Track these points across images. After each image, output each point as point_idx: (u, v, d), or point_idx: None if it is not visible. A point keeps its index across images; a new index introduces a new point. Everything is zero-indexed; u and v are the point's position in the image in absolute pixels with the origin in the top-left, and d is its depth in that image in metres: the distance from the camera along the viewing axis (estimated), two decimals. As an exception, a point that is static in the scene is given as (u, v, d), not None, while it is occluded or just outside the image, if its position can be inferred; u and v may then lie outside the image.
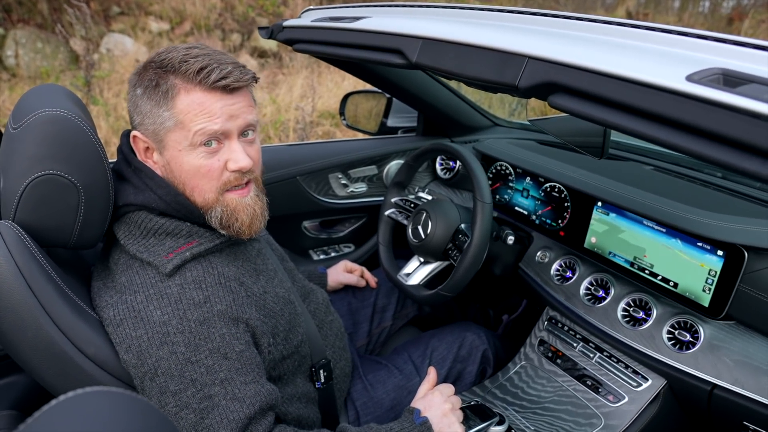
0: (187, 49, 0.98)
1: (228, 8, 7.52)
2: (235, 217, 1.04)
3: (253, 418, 0.97)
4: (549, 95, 0.81)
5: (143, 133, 1.02)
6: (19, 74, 5.98)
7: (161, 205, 1.02)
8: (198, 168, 1.00)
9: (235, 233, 1.05)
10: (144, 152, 1.04)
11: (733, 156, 0.59)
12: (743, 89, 0.59)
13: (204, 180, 1.01)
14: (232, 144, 1.01)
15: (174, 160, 1.00)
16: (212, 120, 0.97)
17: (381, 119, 2.15)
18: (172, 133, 0.98)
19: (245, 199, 1.05)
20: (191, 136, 0.97)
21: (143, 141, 1.03)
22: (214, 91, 0.97)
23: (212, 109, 0.96)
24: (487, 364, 1.54)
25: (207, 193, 1.02)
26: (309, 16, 1.44)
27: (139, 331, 0.94)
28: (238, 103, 1.00)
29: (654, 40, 0.75)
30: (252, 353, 1.01)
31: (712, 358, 1.17)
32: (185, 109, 0.96)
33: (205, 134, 0.97)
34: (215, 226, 1.04)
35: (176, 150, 0.99)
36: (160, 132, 0.99)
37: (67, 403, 0.42)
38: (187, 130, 0.97)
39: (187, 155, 0.99)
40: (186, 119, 0.96)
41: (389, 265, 1.64)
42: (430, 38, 1.01)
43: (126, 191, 1.04)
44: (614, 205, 1.37)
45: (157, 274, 0.98)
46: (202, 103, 0.96)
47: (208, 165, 1.00)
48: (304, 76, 6.45)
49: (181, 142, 0.98)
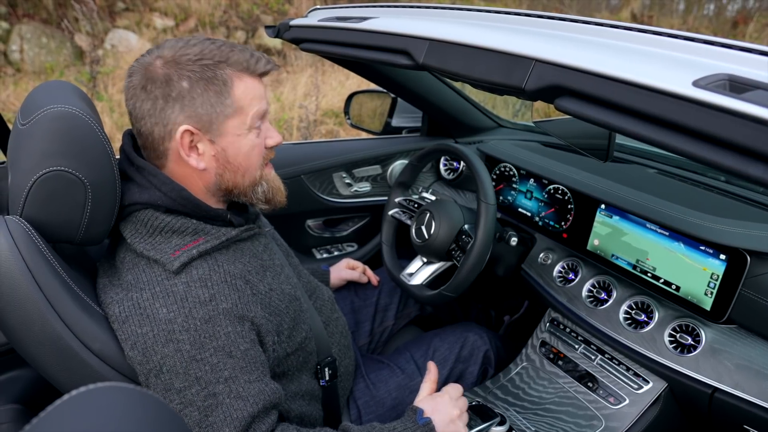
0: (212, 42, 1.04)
1: (233, 5, 7.52)
2: (276, 189, 1.16)
3: (256, 416, 0.97)
4: (555, 98, 0.81)
5: (195, 126, 1.01)
6: (24, 69, 5.99)
7: (166, 201, 1.02)
8: (252, 148, 1.08)
9: (277, 204, 1.17)
10: (189, 147, 1.03)
11: (738, 162, 0.59)
12: (749, 95, 0.59)
13: (256, 158, 1.09)
14: (266, 123, 1.11)
15: (232, 146, 1.05)
16: (261, 101, 1.07)
17: (385, 119, 2.15)
18: (231, 120, 1.03)
19: (273, 172, 1.16)
20: (249, 120, 1.04)
21: (193, 134, 1.02)
22: (256, 78, 1.06)
23: (260, 93, 1.06)
24: (488, 364, 1.54)
25: (255, 171, 1.10)
26: (316, 16, 1.44)
27: (144, 328, 0.95)
28: (264, 87, 1.11)
29: (661, 45, 0.75)
30: (257, 351, 1.01)
31: (713, 361, 1.17)
32: (242, 95, 1.03)
33: (258, 115, 1.06)
34: (259, 201, 1.13)
35: (235, 135, 1.04)
36: (218, 120, 1.02)
37: (77, 398, 0.43)
38: (245, 115, 1.04)
39: (245, 138, 1.06)
40: (244, 104, 1.03)
41: (392, 265, 1.65)
42: (437, 39, 1.01)
43: (130, 190, 1.04)
44: (617, 208, 1.38)
45: (164, 272, 0.99)
46: (254, 88, 1.05)
47: (258, 144, 1.08)
48: (308, 75, 6.45)
49: (239, 127, 1.04)
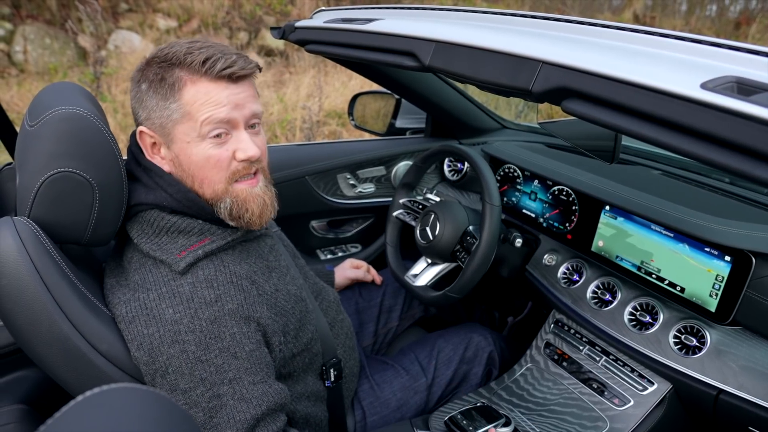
0: (190, 43, 1.00)
1: (235, 6, 7.53)
2: (245, 208, 1.04)
3: (261, 419, 0.97)
4: (562, 100, 0.81)
5: (150, 128, 1.02)
6: (28, 70, 6.00)
7: (172, 203, 1.03)
8: (207, 158, 1.00)
9: (246, 224, 1.05)
10: (151, 148, 1.04)
11: (745, 163, 0.60)
12: (757, 98, 0.59)
13: (213, 171, 1.01)
14: (240, 134, 1.02)
15: (183, 153, 1.01)
16: (218, 108, 0.98)
17: (389, 120, 2.15)
18: (179, 125, 0.99)
19: (255, 189, 1.06)
20: (199, 126, 0.98)
21: (150, 136, 1.03)
22: (220, 81, 0.98)
23: (218, 98, 0.98)
24: (492, 365, 1.54)
25: (216, 185, 1.02)
26: (321, 17, 1.44)
27: (151, 328, 0.95)
28: (243, 93, 1.01)
29: (668, 47, 0.76)
30: (262, 352, 1.01)
31: (718, 363, 1.17)
32: (191, 99, 0.97)
33: (212, 122, 0.98)
34: (224, 217, 1.04)
35: (185, 142, 1.00)
36: (168, 125, 1.00)
37: (92, 399, 0.43)
38: (195, 121, 0.98)
39: (195, 146, 1.00)
40: (193, 110, 0.97)
41: (396, 266, 1.65)
42: (443, 41, 1.01)
43: (137, 190, 1.04)
44: (622, 209, 1.38)
45: (170, 272, 0.99)
46: (209, 92, 0.97)
47: (216, 155, 1.00)
48: (311, 76, 6.46)
49: (189, 134, 0.99)
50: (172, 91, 0.97)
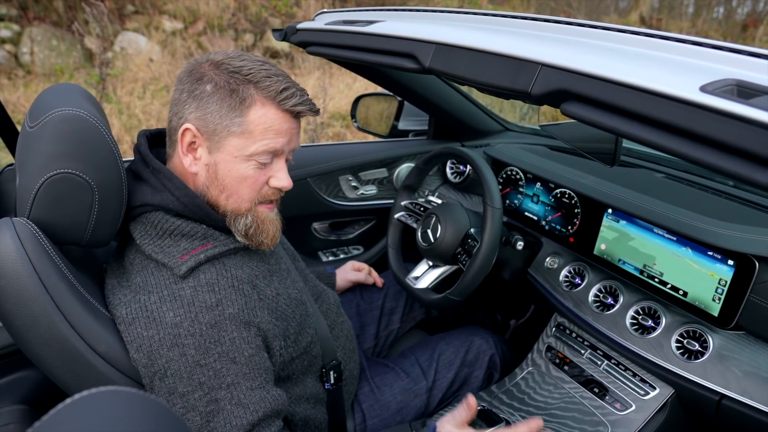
0: (262, 63, 1.02)
1: (241, 8, 7.56)
2: (261, 230, 1.07)
3: (257, 424, 0.97)
4: (561, 103, 0.81)
5: (198, 128, 1.02)
6: (34, 71, 6.04)
7: (178, 206, 1.02)
8: (245, 177, 1.03)
9: (257, 244, 1.08)
10: (188, 146, 1.04)
11: (744, 167, 0.59)
12: (757, 101, 0.59)
13: (247, 189, 1.04)
14: (280, 163, 1.06)
15: (224, 163, 1.02)
16: (277, 139, 1.02)
17: (392, 122, 2.15)
18: (234, 139, 1.00)
19: (271, 213, 1.10)
20: (253, 148, 1.00)
21: (195, 135, 1.02)
22: (287, 114, 1.02)
23: (280, 129, 1.02)
24: (494, 368, 1.54)
25: (244, 202, 1.05)
26: (323, 19, 1.44)
27: (150, 331, 0.95)
28: (297, 128, 1.06)
29: (668, 50, 0.75)
30: (261, 358, 1.01)
31: (720, 368, 1.16)
32: (257, 121, 1.00)
33: (267, 150, 1.01)
34: (238, 233, 1.06)
35: (231, 155, 1.01)
36: (222, 133, 1.00)
37: (80, 402, 0.43)
38: (251, 141, 1.00)
39: (239, 163, 1.02)
40: (255, 131, 1.00)
41: (398, 268, 1.65)
42: (443, 43, 1.01)
43: (143, 191, 1.04)
44: (625, 213, 1.37)
45: (171, 276, 0.99)
46: (275, 120, 1.01)
47: (254, 177, 1.04)
48: (315, 77, 6.47)
49: (240, 150, 1.01)
50: (242, 106, 0.99)
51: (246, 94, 0.99)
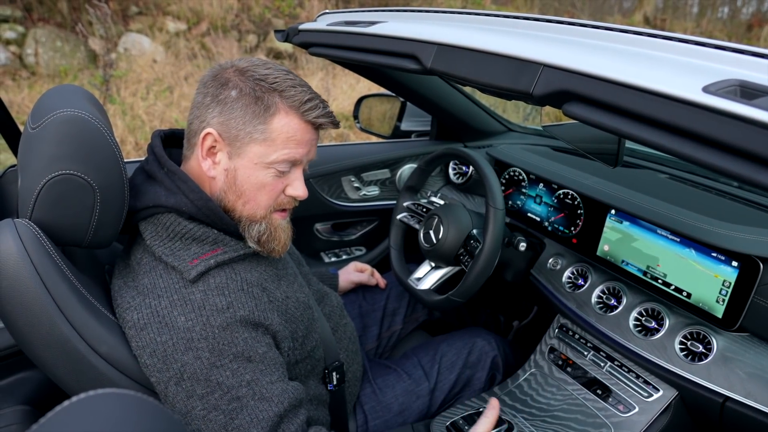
0: (286, 73, 1.03)
1: (244, 9, 7.57)
2: (274, 236, 1.08)
3: (284, 416, 0.98)
4: (563, 104, 0.80)
5: (220, 133, 1.02)
6: (39, 72, 6.06)
7: (192, 209, 1.02)
8: (264, 185, 1.04)
9: (269, 251, 1.09)
10: (207, 150, 1.04)
11: (747, 169, 0.58)
12: (760, 101, 0.58)
13: (264, 197, 1.05)
14: (297, 172, 1.07)
15: (244, 170, 1.03)
16: (297, 149, 1.03)
17: (394, 123, 2.15)
18: (256, 146, 1.01)
19: (284, 221, 1.11)
20: (274, 156, 1.01)
21: (216, 140, 1.03)
22: (309, 125, 1.03)
23: (302, 139, 1.03)
24: (496, 370, 1.53)
25: (259, 209, 1.06)
26: (325, 20, 1.44)
27: (163, 336, 0.95)
28: (316, 140, 1.07)
29: (671, 50, 0.75)
30: (274, 354, 1.02)
31: (724, 370, 1.16)
32: (279, 129, 1.00)
33: (288, 159, 1.02)
34: (250, 239, 1.06)
35: (252, 162, 1.02)
36: (244, 139, 1.01)
37: (78, 404, 0.43)
38: (273, 150, 1.01)
39: (259, 170, 1.03)
40: (277, 139, 1.01)
41: (400, 269, 1.64)
42: (445, 44, 1.01)
43: (157, 192, 1.04)
44: (628, 214, 1.36)
45: (181, 280, 0.99)
46: (297, 131, 1.02)
47: (272, 184, 1.04)
48: (319, 78, 6.48)
49: (260, 157, 1.01)
50: (266, 114, 1.00)
51: (271, 102, 1.00)
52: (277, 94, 1.00)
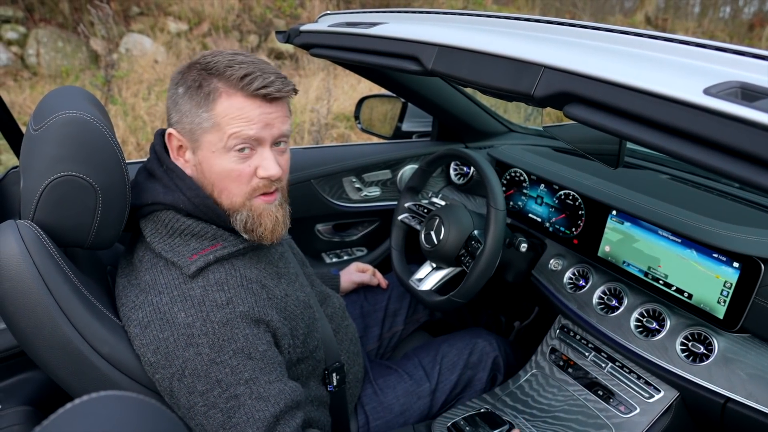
0: (232, 55, 1.01)
1: (246, 9, 7.57)
2: (259, 222, 1.05)
3: (280, 416, 0.98)
4: (564, 105, 0.80)
5: (179, 132, 1.04)
6: (40, 73, 6.07)
7: (189, 206, 1.03)
8: (229, 171, 1.02)
9: (258, 238, 1.06)
10: (177, 150, 1.06)
11: (748, 171, 0.59)
12: (761, 103, 0.58)
13: (233, 183, 1.03)
14: (264, 152, 1.03)
15: (206, 161, 1.02)
16: (249, 125, 0.99)
17: (396, 123, 2.15)
18: (207, 134, 1.00)
19: (270, 206, 1.07)
20: (226, 139, 0.99)
21: (178, 139, 1.04)
22: (255, 99, 0.99)
23: (250, 116, 0.99)
24: (497, 371, 1.53)
25: (235, 197, 1.04)
26: (326, 21, 1.44)
27: (165, 332, 0.96)
28: (275, 113, 1.02)
29: (672, 52, 0.75)
30: (274, 352, 1.02)
31: (726, 371, 1.15)
32: (224, 112, 0.98)
33: (239, 138, 0.99)
34: (239, 229, 1.05)
35: (209, 151, 1.01)
36: (197, 131, 1.01)
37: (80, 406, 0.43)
38: (223, 133, 0.99)
39: (219, 157, 1.01)
40: (223, 122, 0.99)
41: (401, 270, 1.65)
42: (446, 45, 1.01)
43: (156, 190, 1.05)
44: (629, 214, 1.36)
45: (181, 275, 1.00)
46: (242, 108, 0.98)
47: (238, 169, 1.02)
48: (320, 79, 6.48)
49: (215, 144, 1.00)
50: (207, 100, 0.99)
51: (211, 88, 0.98)
52: (216, 78, 0.98)
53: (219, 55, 1.01)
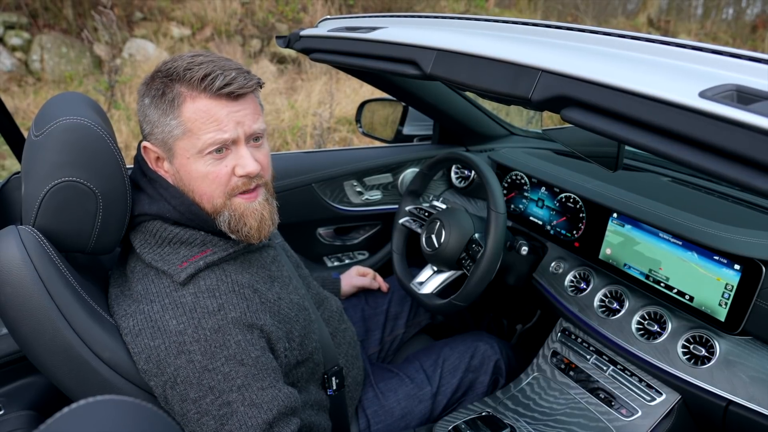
0: (192, 57, 0.99)
1: (248, 14, 7.60)
2: (243, 222, 1.04)
3: (273, 423, 0.98)
4: (562, 109, 0.81)
5: (153, 143, 1.03)
6: (44, 78, 6.10)
7: (175, 214, 1.03)
8: (206, 174, 1.00)
9: (244, 238, 1.05)
10: (155, 162, 1.06)
11: (744, 174, 0.59)
12: (757, 107, 0.58)
13: (212, 186, 1.01)
14: (240, 149, 1.01)
15: (183, 168, 1.02)
16: (221, 128, 0.97)
17: (397, 127, 2.15)
18: (180, 141, 0.99)
19: (252, 203, 1.05)
20: (200, 144, 0.98)
21: (153, 151, 1.04)
22: (219, 98, 0.97)
23: (219, 117, 0.97)
24: (499, 374, 1.53)
25: (215, 199, 1.02)
26: (326, 26, 1.45)
27: (157, 341, 0.96)
28: (243, 110, 1.00)
29: (668, 55, 0.75)
30: (268, 358, 1.02)
31: (727, 373, 1.15)
32: (192, 116, 0.97)
33: (216, 144, 0.98)
34: (225, 230, 1.04)
35: (185, 158, 1.00)
36: (169, 140, 1.00)
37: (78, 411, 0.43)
38: (196, 138, 0.98)
39: (195, 162, 1.00)
40: (194, 127, 0.97)
41: (402, 274, 1.65)
42: (444, 50, 1.01)
43: (141, 201, 1.05)
44: (630, 217, 1.36)
45: (172, 283, 1.00)
46: (208, 110, 0.97)
47: (215, 171, 1.00)
48: (322, 83, 6.49)
49: (189, 150, 0.99)
50: (172, 107, 0.98)
51: (174, 94, 0.97)
52: (177, 83, 0.97)
53: (179, 60, 0.99)
